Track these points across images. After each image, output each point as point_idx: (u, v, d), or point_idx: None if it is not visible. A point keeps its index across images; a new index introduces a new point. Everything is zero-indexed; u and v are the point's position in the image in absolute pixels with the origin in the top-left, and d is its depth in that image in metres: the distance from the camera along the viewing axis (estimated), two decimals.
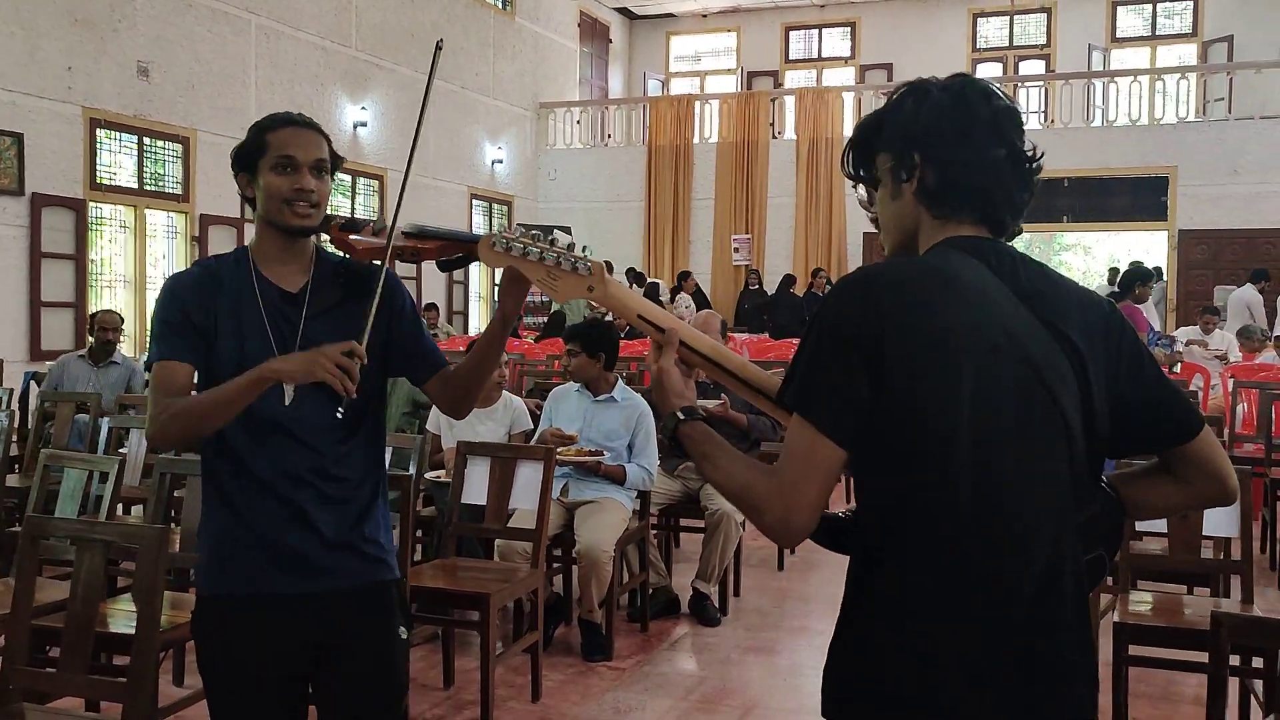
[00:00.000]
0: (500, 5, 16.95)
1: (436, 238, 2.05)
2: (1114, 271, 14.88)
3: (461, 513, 4.40)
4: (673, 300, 15.01)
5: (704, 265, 16.72)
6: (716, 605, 5.19)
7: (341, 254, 2.18)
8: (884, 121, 1.57)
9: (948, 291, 1.44)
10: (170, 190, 11.33)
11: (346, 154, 13.63)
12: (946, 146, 1.51)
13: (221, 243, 11.75)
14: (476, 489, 4.35)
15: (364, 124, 13.85)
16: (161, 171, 11.25)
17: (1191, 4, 17.32)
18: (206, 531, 2.17)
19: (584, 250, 1.70)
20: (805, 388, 1.44)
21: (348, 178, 13.86)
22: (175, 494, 4.15)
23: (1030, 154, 1.54)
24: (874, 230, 1.65)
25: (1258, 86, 14.75)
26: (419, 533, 5.23)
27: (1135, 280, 7.65)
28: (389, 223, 2.06)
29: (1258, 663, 3.51)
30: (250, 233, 2.34)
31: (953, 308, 1.43)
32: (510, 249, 1.69)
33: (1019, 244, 1.64)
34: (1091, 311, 1.53)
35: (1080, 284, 1.60)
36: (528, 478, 4.29)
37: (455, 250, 2.01)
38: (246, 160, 2.13)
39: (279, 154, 2.09)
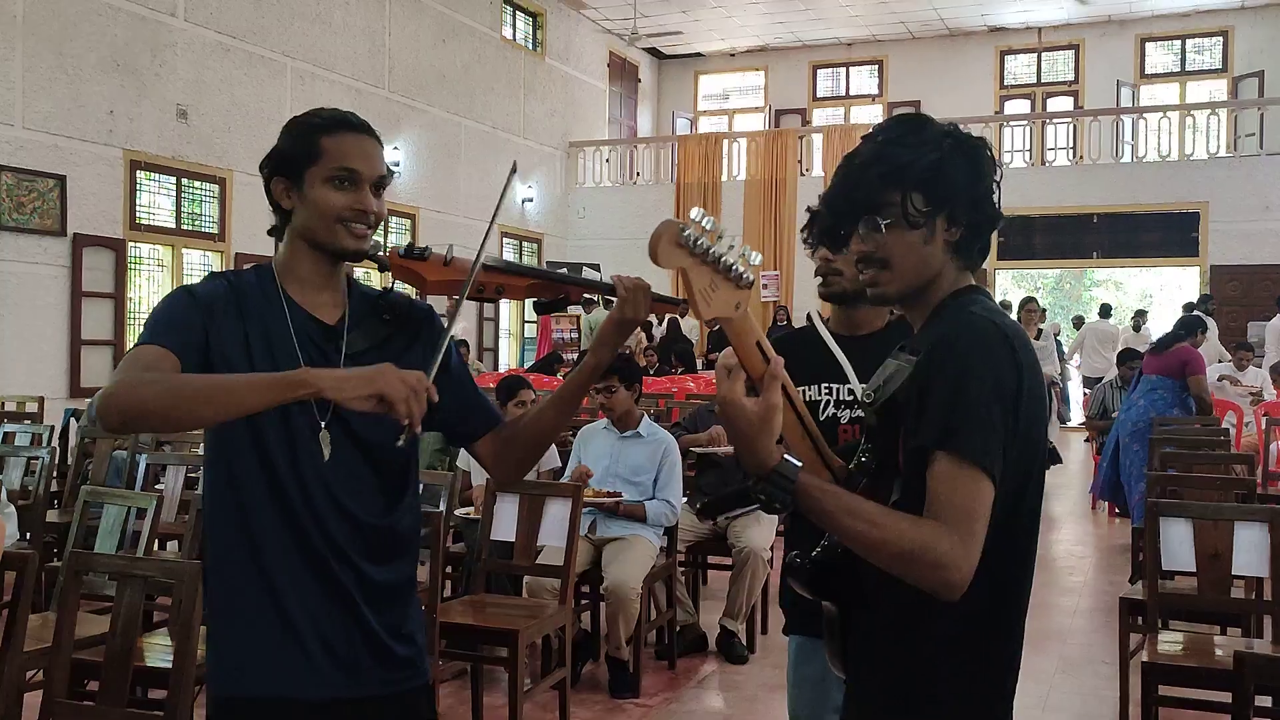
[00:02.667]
0: (531, 47, 17.19)
1: (528, 275, 1.77)
2: (1189, 306, 14.75)
3: (490, 549, 4.44)
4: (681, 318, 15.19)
5: None
6: (744, 643, 5.19)
7: (382, 286, 1.94)
8: (942, 169, 1.51)
9: (1029, 347, 1.51)
10: (207, 230, 11.54)
11: None
12: (984, 208, 1.56)
13: None
14: (505, 526, 4.39)
15: (396, 164, 14.05)
16: (199, 211, 11.47)
17: (1221, 40, 17.32)
18: (222, 620, 1.77)
19: (750, 255, 1.44)
20: (972, 431, 1.38)
21: None
22: None
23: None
24: None
25: None
26: (449, 569, 5.28)
27: (1197, 328, 7.90)
28: (473, 255, 1.71)
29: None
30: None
31: (1037, 363, 1.52)
32: (692, 244, 1.38)
33: (1050, 276, 1.71)
34: None
35: None
36: (556, 515, 4.33)
37: (553, 291, 1.79)
38: (292, 165, 1.76)
39: (338, 165, 1.74)
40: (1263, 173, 14.42)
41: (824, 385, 2.43)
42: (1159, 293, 21.51)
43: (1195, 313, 11.14)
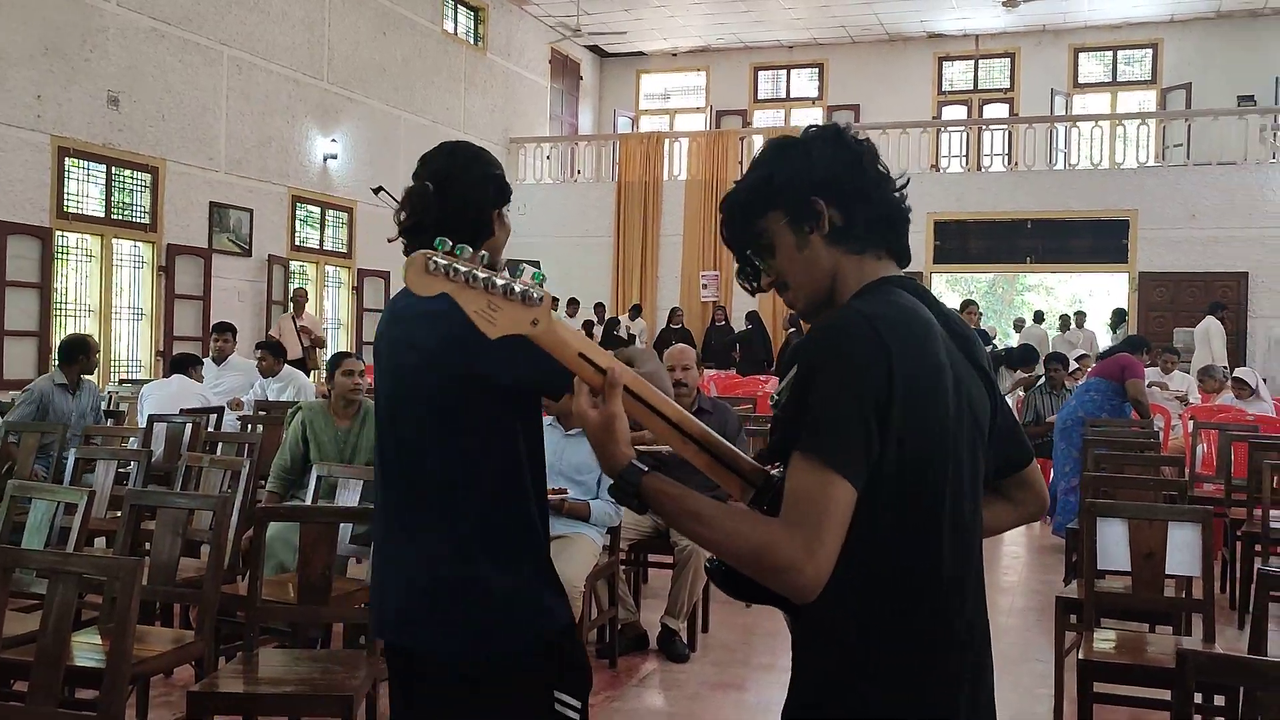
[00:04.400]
0: (472, 41, 17.06)
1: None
2: (1119, 313, 15.13)
3: None
4: (632, 320, 15.25)
5: (672, 301, 16.80)
6: (685, 641, 5.19)
7: None
8: (772, 179, 1.54)
9: (926, 331, 1.46)
10: (138, 220, 11.28)
11: (317, 186, 13.71)
12: (847, 184, 1.54)
13: (188, 273, 11.71)
14: None
15: (334, 156, 13.87)
16: (129, 201, 11.20)
17: (1151, 52, 17.73)
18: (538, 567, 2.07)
19: (534, 277, 1.43)
20: (823, 430, 1.36)
21: (316, 209, 13.85)
22: (143, 526, 4.12)
23: (900, 186, 1.59)
24: None
25: (1214, 134, 15.09)
26: None
27: (1143, 347, 8.39)
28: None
29: (1219, 700, 3.57)
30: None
31: (931, 348, 1.45)
32: (445, 272, 1.37)
33: (984, 280, 1.71)
34: (976, 346, 1.59)
35: None
36: None
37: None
38: (503, 199, 2.21)
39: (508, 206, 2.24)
40: (1189, 182, 14.78)
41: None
42: (1089, 298, 21.93)
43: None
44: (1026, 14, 16.87)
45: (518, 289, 1.39)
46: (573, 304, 15.50)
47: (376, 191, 8.55)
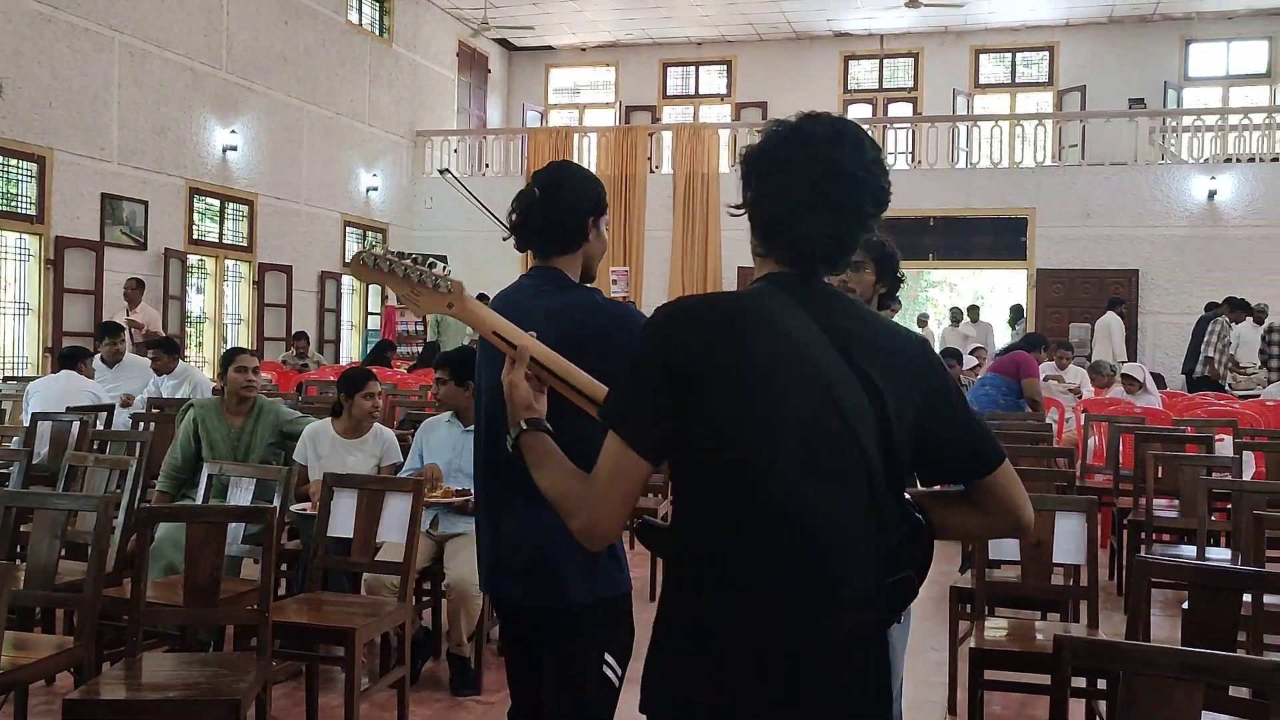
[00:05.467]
0: (377, 32, 16.80)
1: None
2: (1017, 310, 15.42)
3: (328, 546, 4.30)
4: None
5: None
6: None
7: None
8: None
9: (759, 324, 1.52)
10: (24, 211, 10.86)
11: (216, 178, 13.39)
12: (761, 179, 1.60)
13: (78, 266, 11.32)
14: (343, 522, 4.26)
15: (234, 148, 13.53)
16: (15, 191, 10.78)
17: (1048, 55, 18.19)
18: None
19: (446, 270, 1.76)
20: (618, 405, 1.56)
21: (215, 202, 13.51)
22: (21, 529, 3.97)
23: (852, 205, 1.58)
24: (749, 265, 1.70)
25: (1107, 135, 15.56)
26: (284, 567, 5.11)
27: (1040, 345, 8.57)
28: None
29: (1103, 684, 3.67)
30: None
31: (762, 340, 1.51)
32: (378, 265, 1.73)
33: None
34: (901, 350, 1.61)
35: (893, 323, 1.70)
36: (396, 510, 4.22)
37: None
38: (599, 211, 2.52)
39: (606, 219, 2.53)
40: (1084, 182, 15.21)
41: None
42: (990, 294, 22.47)
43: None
44: (929, 15, 17.18)
45: (429, 280, 1.72)
46: (481, 299, 15.30)
47: (443, 173, 8.83)
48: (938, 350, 10.51)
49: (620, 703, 2.36)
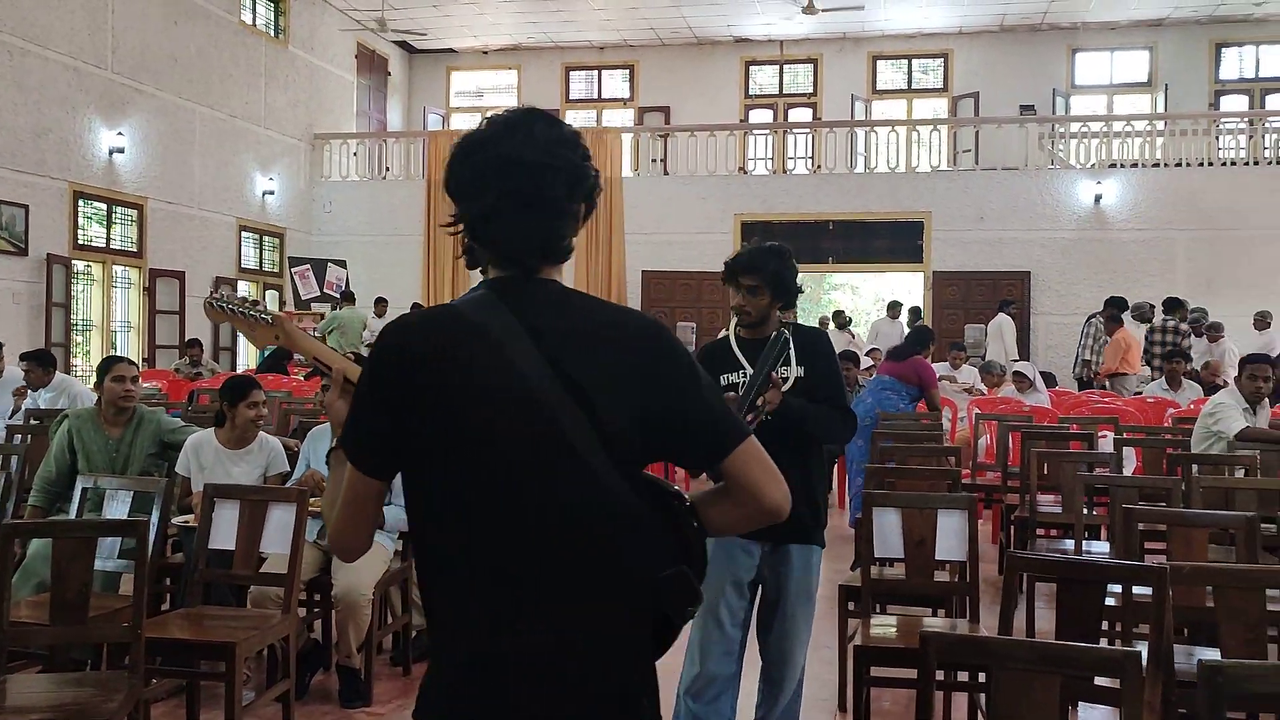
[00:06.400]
0: (272, 34, 16.47)
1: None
2: (915, 311, 15.57)
3: (209, 559, 4.19)
4: None
5: None
6: None
7: None
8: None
9: (470, 336, 1.55)
10: None
11: (102, 182, 12.99)
12: (458, 188, 1.67)
13: None
14: (225, 534, 4.16)
15: (121, 150, 13.14)
16: None
17: (943, 61, 18.61)
18: None
19: (279, 306, 1.82)
20: (347, 429, 1.62)
21: (103, 206, 13.10)
22: None
23: (539, 194, 1.59)
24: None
25: (999, 141, 15.98)
26: (168, 581, 4.96)
27: (928, 340, 8.48)
28: None
29: (982, 677, 3.75)
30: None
31: (470, 351, 1.54)
32: (220, 307, 1.93)
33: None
34: (621, 341, 1.59)
35: (625, 314, 1.65)
36: (280, 520, 4.13)
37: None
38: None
39: None
40: (978, 186, 15.60)
41: (736, 372, 3.36)
42: (890, 296, 22.85)
43: (920, 323, 12.09)
44: (828, 21, 17.45)
45: (257, 315, 1.91)
46: (380, 303, 15.09)
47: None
48: (871, 345, 10.51)
49: None
